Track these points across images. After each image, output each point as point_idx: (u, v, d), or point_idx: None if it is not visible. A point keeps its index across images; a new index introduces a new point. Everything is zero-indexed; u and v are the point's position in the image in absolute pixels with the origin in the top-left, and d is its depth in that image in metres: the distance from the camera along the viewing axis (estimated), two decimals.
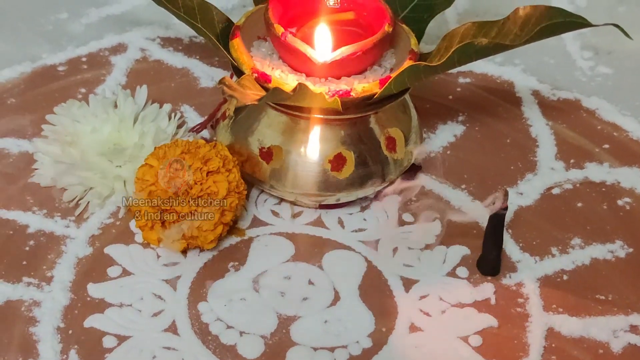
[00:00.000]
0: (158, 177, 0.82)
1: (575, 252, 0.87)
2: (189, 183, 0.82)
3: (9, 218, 0.87)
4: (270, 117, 0.85)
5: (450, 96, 1.02)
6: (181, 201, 0.82)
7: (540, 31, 0.77)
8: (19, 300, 0.81)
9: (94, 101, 0.91)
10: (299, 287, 0.83)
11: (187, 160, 0.82)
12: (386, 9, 0.85)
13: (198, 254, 0.85)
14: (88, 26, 1.07)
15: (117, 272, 0.84)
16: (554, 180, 0.94)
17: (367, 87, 0.82)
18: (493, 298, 0.83)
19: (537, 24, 0.78)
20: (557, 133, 0.98)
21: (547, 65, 1.06)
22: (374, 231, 0.88)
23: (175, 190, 0.81)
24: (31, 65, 1.02)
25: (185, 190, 0.81)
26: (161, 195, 0.82)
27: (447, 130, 0.98)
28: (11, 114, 0.96)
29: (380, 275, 0.85)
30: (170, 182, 0.82)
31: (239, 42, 0.85)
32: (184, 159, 0.83)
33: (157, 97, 0.96)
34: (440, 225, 0.89)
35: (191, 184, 0.82)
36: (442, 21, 1.09)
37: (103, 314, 0.80)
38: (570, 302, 0.83)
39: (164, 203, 0.82)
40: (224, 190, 0.82)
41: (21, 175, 0.90)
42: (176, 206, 0.82)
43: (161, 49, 1.05)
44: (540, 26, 0.77)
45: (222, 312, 0.81)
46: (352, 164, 0.85)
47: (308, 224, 0.89)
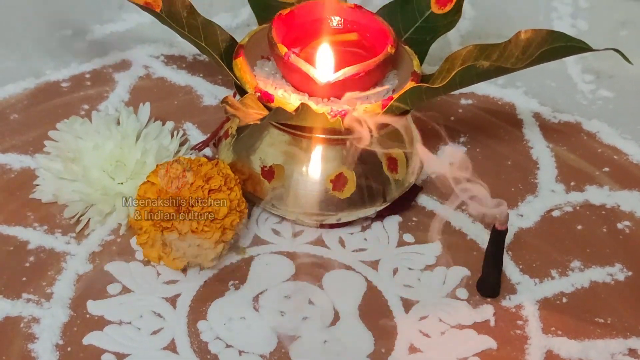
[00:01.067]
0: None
1: (574, 275, 0.87)
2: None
3: (10, 234, 0.87)
4: (272, 136, 0.85)
5: (452, 117, 1.02)
6: (182, 219, 0.82)
7: (542, 55, 0.78)
8: (18, 316, 0.81)
9: (97, 118, 0.92)
10: (299, 307, 0.83)
11: (189, 178, 0.83)
12: (389, 30, 0.86)
13: (198, 272, 0.85)
14: (92, 43, 1.08)
15: (117, 290, 0.84)
16: (554, 203, 0.94)
17: (369, 107, 0.83)
18: (492, 320, 0.83)
19: (538, 48, 0.78)
20: (557, 155, 0.98)
21: (548, 88, 1.07)
22: (375, 251, 0.88)
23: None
24: (35, 81, 1.02)
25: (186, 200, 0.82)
26: (162, 212, 0.82)
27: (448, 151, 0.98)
28: (14, 130, 0.96)
29: (380, 295, 0.85)
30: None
31: (243, 61, 0.85)
32: (185, 176, 0.83)
33: (160, 114, 0.96)
34: (441, 246, 0.89)
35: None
36: (444, 43, 1.09)
37: (102, 332, 0.80)
38: (569, 324, 0.83)
39: (165, 220, 0.82)
40: (225, 209, 0.83)
41: (23, 191, 0.90)
42: (177, 224, 0.82)
43: (165, 67, 1.05)
44: (542, 50, 0.78)
45: (222, 331, 0.81)
46: (353, 183, 0.85)
47: (309, 243, 0.89)
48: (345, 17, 0.88)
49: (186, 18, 0.86)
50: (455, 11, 0.89)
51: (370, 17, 0.88)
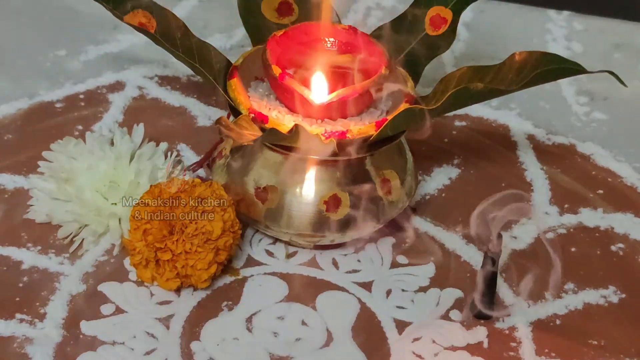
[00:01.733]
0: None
1: (568, 297, 0.87)
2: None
3: (3, 254, 0.87)
4: (266, 157, 0.85)
5: (446, 139, 1.02)
6: (175, 240, 0.82)
7: (536, 77, 0.78)
8: (11, 336, 0.81)
9: (91, 138, 0.91)
10: (292, 328, 0.83)
11: (183, 198, 0.83)
12: (383, 52, 0.86)
13: (192, 292, 0.85)
14: (86, 63, 1.08)
15: (110, 310, 0.83)
16: (547, 225, 0.94)
17: (363, 129, 0.83)
18: (486, 342, 0.83)
19: (533, 70, 0.79)
20: (551, 178, 0.98)
21: (542, 110, 1.07)
22: (368, 272, 0.88)
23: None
24: (28, 102, 1.02)
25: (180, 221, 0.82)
26: (155, 233, 0.82)
27: (442, 173, 0.98)
28: (7, 150, 0.96)
29: (374, 316, 0.85)
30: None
31: (237, 82, 0.85)
32: (179, 197, 0.83)
33: (153, 135, 0.96)
34: (434, 268, 0.89)
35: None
36: (438, 65, 1.10)
37: (95, 352, 0.80)
38: (562, 346, 0.83)
39: (158, 241, 0.82)
40: (218, 230, 0.82)
41: (16, 212, 0.90)
42: (170, 245, 0.82)
43: (159, 87, 1.05)
44: (536, 72, 0.78)
45: (215, 352, 0.81)
46: (347, 205, 0.85)
47: (302, 264, 0.89)
48: (340, 38, 0.88)
49: (180, 39, 0.86)
50: (449, 33, 0.89)
51: (365, 39, 0.88)
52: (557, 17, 1.20)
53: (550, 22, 1.19)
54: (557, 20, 1.19)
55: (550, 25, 1.18)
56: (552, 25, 1.18)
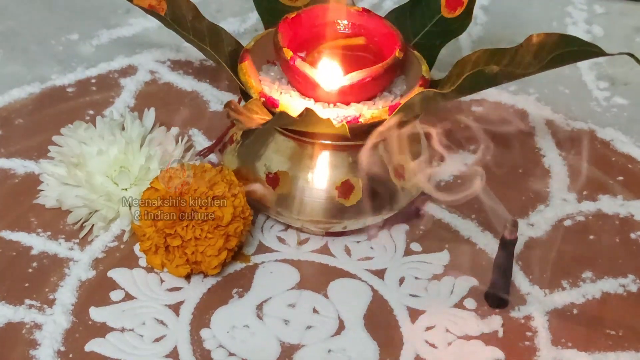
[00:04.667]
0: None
1: (586, 286, 0.86)
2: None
3: (13, 239, 0.86)
4: (277, 143, 0.84)
5: (462, 124, 1.00)
6: (185, 226, 0.81)
7: (553, 59, 0.76)
8: (20, 322, 0.80)
9: (101, 123, 0.90)
10: (304, 315, 0.82)
11: (193, 184, 0.82)
12: (397, 34, 0.84)
13: (202, 279, 0.84)
14: (98, 47, 1.07)
15: (119, 296, 0.83)
16: (566, 212, 0.92)
17: (375, 113, 0.81)
18: (501, 331, 0.82)
19: (550, 52, 0.77)
20: (570, 164, 0.97)
21: (562, 95, 1.05)
22: (381, 260, 0.87)
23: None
24: (40, 86, 1.01)
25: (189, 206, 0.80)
26: (165, 219, 0.81)
27: (457, 158, 0.96)
28: (18, 135, 0.95)
29: (386, 305, 0.83)
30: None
31: (248, 65, 0.84)
32: (189, 183, 0.82)
33: (165, 120, 0.95)
34: (449, 256, 0.87)
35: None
36: (455, 48, 1.08)
37: (104, 339, 0.79)
38: (579, 336, 0.82)
39: (168, 227, 0.81)
40: (229, 216, 0.81)
41: (27, 196, 0.89)
42: (180, 230, 0.81)
43: (171, 72, 1.04)
44: (554, 54, 0.76)
45: (225, 339, 0.80)
46: (359, 191, 0.83)
47: (314, 251, 0.87)
48: (353, 21, 0.87)
49: (191, 22, 0.85)
50: (465, 15, 0.88)
51: (378, 21, 0.86)
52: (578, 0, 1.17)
53: (571, 5, 1.17)
54: (578, 3, 1.17)
55: (570, 8, 1.16)
56: (572, 8, 1.16)
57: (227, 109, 0.74)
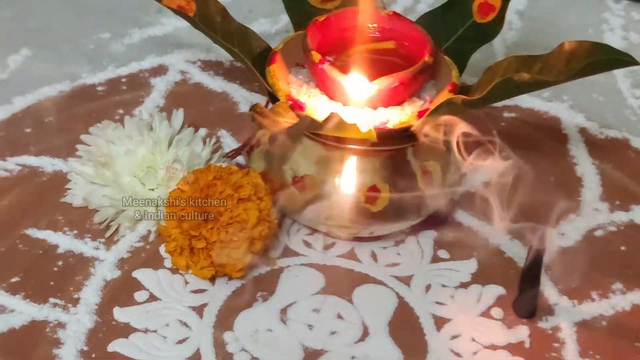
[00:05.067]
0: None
1: (615, 297, 0.84)
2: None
3: (40, 237, 0.86)
4: (304, 146, 0.83)
5: (494, 131, 0.99)
6: (210, 228, 0.81)
7: (585, 68, 0.75)
8: (44, 321, 0.80)
9: (129, 123, 0.90)
10: (328, 321, 0.81)
11: (219, 186, 0.81)
12: (428, 39, 0.84)
13: (226, 282, 0.84)
14: (130, 47, 1.07)
15: (144, 297, 0.82)
16: (597, 222, 0.91)
17: (404, 119, 0.80)
18: (527, 341, 0.81)
19: (582, 61, 0.75)
20: (603, 173, 0.95)
21: (596, 102, 1.04)
22: (408, 266, 0.86)
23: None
24: (70, 85, 1.01)
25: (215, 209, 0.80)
26: (190, 221, 0.81)
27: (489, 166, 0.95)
28: (48, 133, 0.95)
29: (412, 312, 0.83)
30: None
31: (276, 68, 0.83)
32: (215, 185, 0.81)
33: (194, 120, 0.94)
34: (477, 264, 0.86)
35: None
36: (489, 53, 1.07)
37: (127, 339, 0.79)
38: (608, 348, 0.80)
39: (193, 229, 0.81)
40: (254, 219, 0.81)
41: (54, 195, 0.89)
42: (205, 233, 0.81)
43: (201, 72, 1.03)
44: (585, 63, 0.75)
45: (248, 343, 0.79)
46: (386, 196, 0.83)
47: (340, 256, 0.87)
48: (383, 25, 0.86)
49: (220, 23, 0.85)
50: (497, 20, 0.87)
51: (409, 26, 0.85)
52: (615, 6, 1.16)
53: (608, 11, 1.15)
54: (615, 10, 1.16)
55: (607, 14, 1.15)
56: (609, 14, 1.15)
57: (252, 112, 0.73)
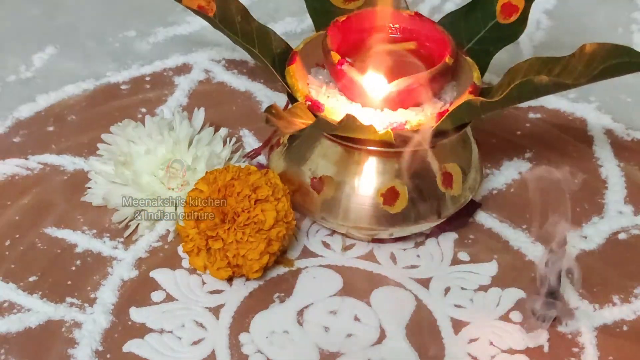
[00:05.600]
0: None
1: (638, 302, 0.83)
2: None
3: (59, 236, 0.86)
4: (323, 147, 0.83)
5: (519, 132, 0.98)
6: (227, 228, 0.80)
7: (604, 70, 0.74)
8: (60, 320, 0.80)
9: (150, 122, 0.90)
10: (344, 323, 0.81)
11: (237, 187, 0.81)
12: (449, 40, 0.83)
13: (244, 283, 0.83)
14: (155, 45, 1.07)
15: (160, 297, 0.82)
16: (621, 225, 0.89)
17: (422, 120, 0.80)
18: (546, 346, 0.80)
19: (602, 63, 0.74)
20: (628, 175, 0.94)
21: (623, 103, 1.02)
22: (427, 269, 0.85)
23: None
24: (94, 83, 1.01)
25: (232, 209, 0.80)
26: (207, 221, 0.81)
27: (512, 167, 0.94)
28: (70, 131, 0.96)
29: (430, 315, 0.82)
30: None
31: (296, 68, 0.83)
32: (233, 185, 0.81)
33: (217, 119, 0.94)
34: (497, 266, 0.85)
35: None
36: (516, 53, 1.06)
37: (143, 340, 0.79)
38: (628, 354, 0.79)
39: (210, 229, 0.81)
40: (271, 220, 0.80)
41: (74, 194, 0.89)
42: (222, 233, 0.80)
43: (225, 71, 1.03)
44: (604, 65, 0.74)
45: (263, 345, 0.79)
46: (405, 198, 0.82)
47: (359, 257, 0.86)
48: (404, 25, 0.85)
49: (240, 23, 0.84)
50: (520, 21, 0.86)
51: (430, 26, 0.85)
52: None
53: (637, 11, 1.14)
54: None
55: (637, 14, 1.13)
56: (638, 14, 1.13)
57: (267, 114, 0.73)
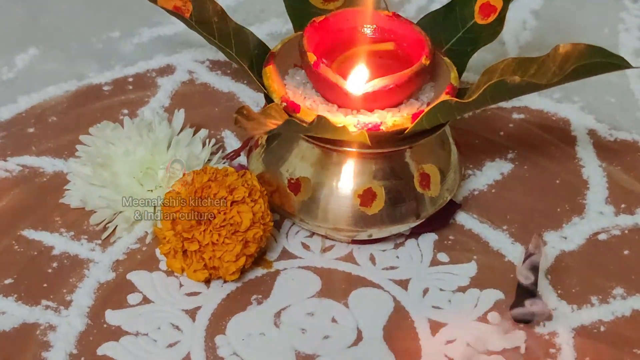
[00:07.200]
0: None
1: (616, 303, 0.83)
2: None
3: (36, 238, 0.86)
4: (301, 149, 0.82)
5: (502, 132, 0.98)
6: (203, 230, 0.80)
7: (577, 70, 0.73)
8: (34, 323, 0.80)
9: (129, 123, 0.90)
10: (322, 325, 0.81)
11: (213, 188, 0.81)
12: (426, 40, 0.82)
13: (221, 284, 0.83)
14: (138, 46, 1.06)
15: (137, 300, 0.82)
16: (601, 226, 0.89)
17: (398, 121, 0.79)
18: (523, 347, 0.79)
19: (575, 63, 0.74)
20: (610, 175, 0.93)
21: (607, 103, 1.02)
22: (406, 270, 0.85)
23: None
24: (76, 84, 1.00)
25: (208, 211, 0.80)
26: (184, 223, 0.80)
27: (494, 167, 0.94)
28: (51, 133, 0.95)
29: (408, 316, 0.82)
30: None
31: (272, 69, 0.83)
32: (210, 186, 0.81)
33: (199, 121, 0.94)
34: (476, 267, 0.85)
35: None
36: (501, 53, 1.06)
37: (118, 342, 0.79)
38: (605, 355, 0.79)
39: (186, 231, 0.81)
40: (247, 221, 0.80)
41: (53, 196, 0.89)
42: (198, 235, 0.80)
43: (209, 72, 1.03)
44: (577, 65, 0.73)
45: (240, 347, 0.79)
46: (382, 199, 0.82)
47: (338, 259, 0.86)
48: (382, 26, 0.85)
49: (217, 24, 0.84)
50: (497, 22, 0.85)
51: (408, 27, 0.84)
52: (632, 6, 1.14)
53: (624, 10, 1.13)
54: (632, 9, 1.13)
55: (624, 14, 1.13)
56: (625, 14, 1.12)
57: (237, 115, 0.72)
